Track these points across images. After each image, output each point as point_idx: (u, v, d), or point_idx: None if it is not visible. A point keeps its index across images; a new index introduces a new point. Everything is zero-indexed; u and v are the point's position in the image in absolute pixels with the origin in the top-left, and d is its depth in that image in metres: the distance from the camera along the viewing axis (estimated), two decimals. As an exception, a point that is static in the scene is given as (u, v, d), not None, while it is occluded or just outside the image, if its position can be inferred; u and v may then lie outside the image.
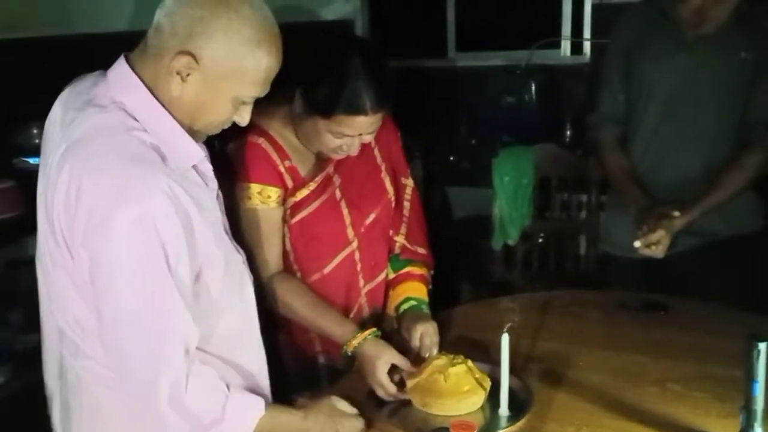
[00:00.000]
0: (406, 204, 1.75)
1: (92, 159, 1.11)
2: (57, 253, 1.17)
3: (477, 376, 1.44)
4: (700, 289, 1.84)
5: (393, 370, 1.47)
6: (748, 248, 1.94)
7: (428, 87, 3.69)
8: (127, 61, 1.19)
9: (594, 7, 3.38)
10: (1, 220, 2.71)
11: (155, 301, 1.14)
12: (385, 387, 1.44)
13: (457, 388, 1.40)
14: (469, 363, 1.45)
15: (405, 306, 1.68)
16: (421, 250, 1.76)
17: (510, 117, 3.37)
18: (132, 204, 1.08)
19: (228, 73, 1.15)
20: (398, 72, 3.91)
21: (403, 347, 1.54)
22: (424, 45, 3.82)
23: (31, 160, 2.81)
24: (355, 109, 1.44)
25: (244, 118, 1.25)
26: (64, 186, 1.11)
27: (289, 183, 1.57)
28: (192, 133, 1.22)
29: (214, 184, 1.29)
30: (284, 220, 1.59)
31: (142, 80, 1.17)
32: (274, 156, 1.55)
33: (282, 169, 1.56)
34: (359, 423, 1.34)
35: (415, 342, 1.55)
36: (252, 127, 1.53)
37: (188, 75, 1.14)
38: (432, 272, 1.79)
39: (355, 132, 1.48)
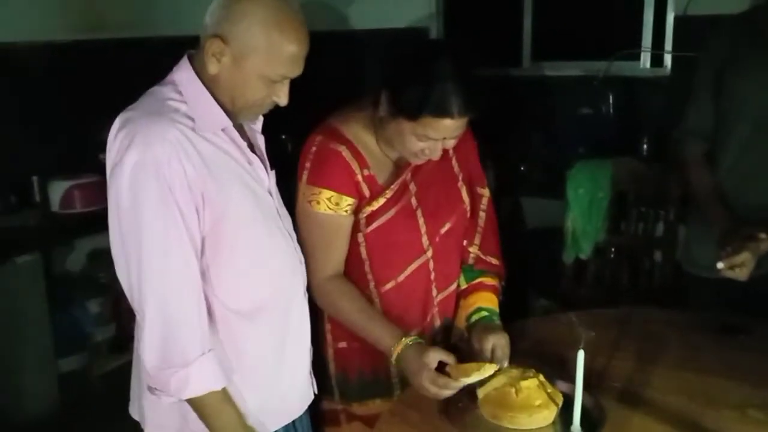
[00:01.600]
0: (482, 214, 1.73)
1: (126, 114, 1.29)
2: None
3: (549, 390, 1.42)
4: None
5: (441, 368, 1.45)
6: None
7: (502, 96, 3.67)
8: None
9: (677, 19, 3.29)
10: (85, 212, 2.84)
11: (156, 241, 1.25)
12: (428, 387, 1.41)
13: (528, 402, 1.38)
14: (541, 377, 1.43)
15: (476, 316, 1.66)
16: (495, 261, 1.75)
17: (585, 128, 3.31)
18: (138, 149, 1.23)
19: (250, 52, 1.29)
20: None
21: (473, 359, 1.53)
22: (499, 53, 3.79)
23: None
24: (442, 111, 1.43)
25: (281, 99, 1.36)
26: (111, 133, 1.28)
27: (366, 192, 1.57)
28: (236, 113, 1.36)
29: (254, 159, 1.40)
30: (359, 230, 1.59)
31: (192, 67, 1.35)
32: (354, 165, 1.56)
33: (360, 179, 1.56)
34: None
35: (487, 354, 1.53)
36: (333, 131, 1.56)
37: (222, 56, 1.30)
38: (503, 283, 1.77)
39: (439, 135, 1.48)
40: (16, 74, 2.84)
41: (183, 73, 1.34)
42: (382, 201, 1.58)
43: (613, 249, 2.66)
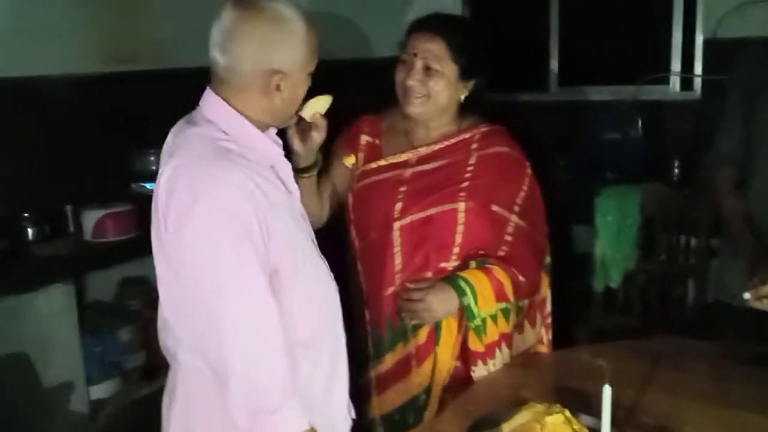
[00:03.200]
0: (507, 237, 1.74)
1: (182, 160, 1.28)
2: (160, 250, 1.32)
3: (575, 427, 1.39)
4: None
5: None
6: None
7: (528, 122, 3.65)
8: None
9: (706, 42, 3.26)
10: (117, 240, 2.88)
11: (237, 290, 1.25)
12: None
13: (554, 439, 1.36)
14: (567, 413, 1.40)
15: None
16: (521, 277, 1.72)
17: (614, 154, 3.28)
18: (209, 195, 1.23)
19: (303, 62, 1.35)
20: (498, 106, 3.90)
21: None
22: (526, 79, 3.79)
23: (148, 185, 2.97)
24: (415, 26, 1.71)
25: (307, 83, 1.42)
26: (163, 187, 1.28)
27: (362, 151, 1.80)
28: (278, 124, 1.42)
29: (294, 189, 1.43)
30: (352, 188, 1.78)
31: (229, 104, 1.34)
32: (364, 128, 1.83)
33: (362, 141, 1.81)
34: None
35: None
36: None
37: (283, 86, 1.33)
38: (520, 299, 1.75)
39: (411, 50, 1.68)
40: (49, 106, 2.91)
41: (220, 110, 1.33)
42: (373, 165, 1.76)
43: (643, 277, 2.61)
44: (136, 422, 2.22)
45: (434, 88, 1.69)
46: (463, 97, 1.76)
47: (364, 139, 1.82)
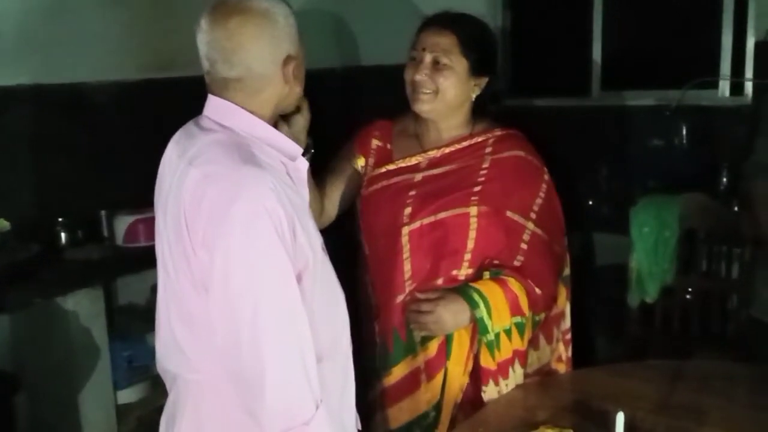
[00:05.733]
0: (523, 246, 1.68)
1: (209, 167, 1.24)
2: (181, 257, 1.25)
3: (588, 454, 1.31)
4: None
5: None
6: None
7: (570, 127, 3.54)
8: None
9: (758, 44, 3.09)
10: (149, 246, 2.89)
11: (274, 284, 1.21)
12: None
13: (563, 466, 1.28)
14: (580, 439, 1.33)
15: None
16: (537, 290, 1.65)
17: (657, 161, 3.13)
18: (245, 199, 1.19)
19: (297, 36, 1.34)
20: (540, 111, 3.80)
21: None
22: (568, 83, 3.67)
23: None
24: (425, 23, 1.69)
25: None
26: (189, 194, 1.23)
27: (372, 155, 1.78)
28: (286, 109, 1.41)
29: (305, 191, 1.38)
30: (361, 192, 1.76)
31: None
32: (375, 132, 1.80)
33: (374, 145, 1.79)
34: None
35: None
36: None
37: (295, 69, 1.33)
38: (536, 313, 1.67)
39: (419, 45, 1.66)
40: (86, 112, 2.96)
41: (235, 115, 1.31)
42: (383, 169, 1.73)
43: (683, 292, 2.48)
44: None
45: (444, 83, 1.64)
46: (474, 96, 1.71)
47: (375, 143, 1.80)
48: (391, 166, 1.73)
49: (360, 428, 1.52)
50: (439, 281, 1.66)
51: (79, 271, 2.69)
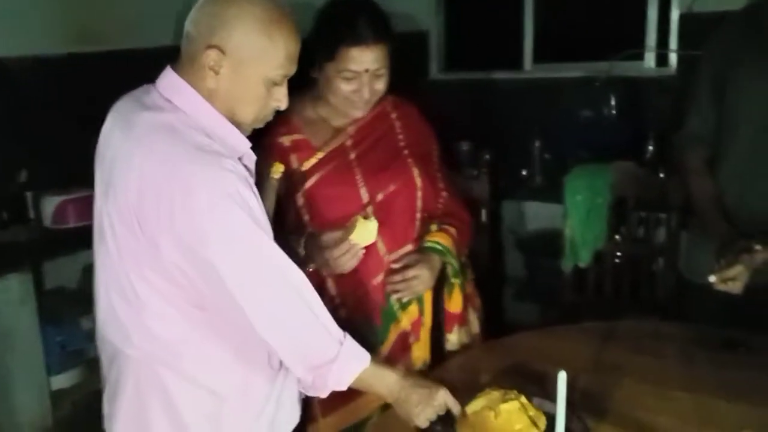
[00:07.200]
0: (440, 185, 1.81)
1: (161, 154, 1.21)
2: (127, 237, 1.25)
3: (531, 413, 1.34)
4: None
5: None
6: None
7: (503, 100, 3.60)
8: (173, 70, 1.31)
9: (682, 17, 3.20)
10: (79, 227, 2.81)
11: (268, 259, 1.25)
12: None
13: (508, 427, 1.31)
14: (523, 399, 1.36)
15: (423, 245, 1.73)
16: (463, 224, 1.81)
17: (588, 132, 3.22)
18: (209, 186, 1.18)
19: (252, 56, 1.25)
20: (471, 84, 3.82)
21: None
22: (500, 57, 3.73)
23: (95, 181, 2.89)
24: (355, 39, 1.57)
25: (281, 101, 1.34)
26: (138, 182, 1.21)
27: (294, 153, 1.68)
28: (236, 126, 1.31)
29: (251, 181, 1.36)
30: (298, 190, 1.68)
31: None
32: (280, 130, 1.69)
33: (286, 143, 1.70)
34: (453, 398, 1.37)
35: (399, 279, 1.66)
36: None
37: (220, 67, 1.25)
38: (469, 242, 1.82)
39: (359, 66, 1.59)
40: (7, 89, 2.83)
41: (181, 94, 1.27)
42: (314, 161, 1.68)
43: (614, 257, 2.57)
44: (100, 411, 2.18)
45: (380, 88, 1.66)
46: None
47: (287, 140, 1.71)
48: (321, 154, 1.69)
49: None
50: (409, 246, 1.72)
51: (5, 254, 2.60)
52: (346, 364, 1.31)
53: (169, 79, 1.30)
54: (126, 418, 1.37)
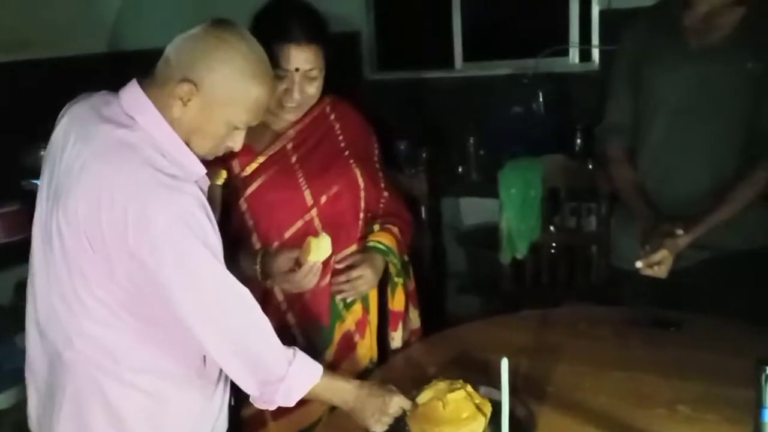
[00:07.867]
0: (381, 184, 1.83)
1: (122, 174, 1.22)
2: (77, 249, 1.25)
3: (477, 401, 1.39)
4: (711, 304, 1.78)
5: None
6: (761, 263, 1.87)
7: (437, 98, 3.65)
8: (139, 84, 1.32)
9: (602, 13, 3.32)
10: (9, 242, 2.72)
11: (221, 284, 1.28)
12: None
13: (456, 415, 1.36)
14: (469, 388, 1.41)
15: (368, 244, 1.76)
16: (404, 223, 1.84)
17: (518, 127, 3.31)
18: (166, 209, 1.20)
19: (224, 100, 1.29)
20: (405, 84, 3.85)
21: None
22: (432, 56, 3.78)
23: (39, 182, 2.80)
24: (285, 38, 1.56)
25: (237, 144, 1.38)
26: (93, 195, 1.21)
27: (234, 159, 1.65)
28: None
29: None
30: (241, 195, 1.66)
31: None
32: None
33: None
34: (406, 401, 1.40)
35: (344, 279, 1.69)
36: None
37: (189, 100, 1.28)
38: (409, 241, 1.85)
39: (290, 65, 1.58)
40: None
41: (146, 114, 1.28)
42: (255, 165, 1.67)
43: (549, 247, 2.66)
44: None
45: (312, 91, 1.65)
46: None
47: None
48: (261, 159, 1.68)
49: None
50: (353, 247, 1.74)
51: (-69, 274, 2.49)
52: (295, 381, 1.35)
53: (134, 94, 1.31)
54: (66, 421, 1.36)
